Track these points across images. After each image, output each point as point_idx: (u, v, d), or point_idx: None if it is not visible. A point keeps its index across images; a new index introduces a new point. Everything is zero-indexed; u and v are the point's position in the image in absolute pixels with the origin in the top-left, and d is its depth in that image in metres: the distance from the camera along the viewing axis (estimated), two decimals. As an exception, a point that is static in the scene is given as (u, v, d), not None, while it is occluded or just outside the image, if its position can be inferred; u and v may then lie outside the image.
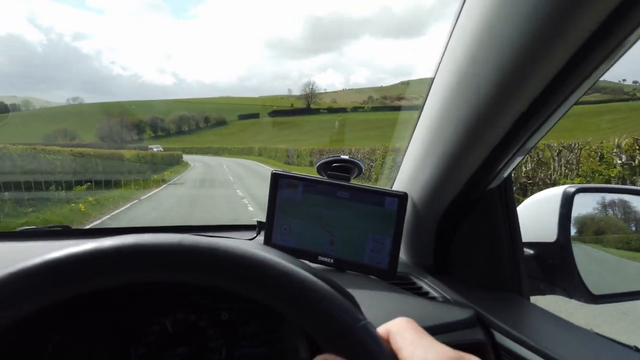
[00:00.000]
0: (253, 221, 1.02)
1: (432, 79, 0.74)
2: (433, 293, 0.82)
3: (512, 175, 0.85)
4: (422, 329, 0.38)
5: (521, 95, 0.58)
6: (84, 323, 0.61)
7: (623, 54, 0.50)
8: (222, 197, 12.20)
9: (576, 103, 0.60)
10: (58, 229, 1.08)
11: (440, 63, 0.71)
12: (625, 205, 1.10)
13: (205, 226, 1.18)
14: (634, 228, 1.16)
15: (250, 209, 9.06)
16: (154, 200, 11.29)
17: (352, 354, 0.36)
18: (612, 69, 0.54)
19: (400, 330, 0.38)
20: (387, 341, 0.38)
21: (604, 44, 0.48)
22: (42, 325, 0.58)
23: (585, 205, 0.96)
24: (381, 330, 0.39)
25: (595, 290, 0.87)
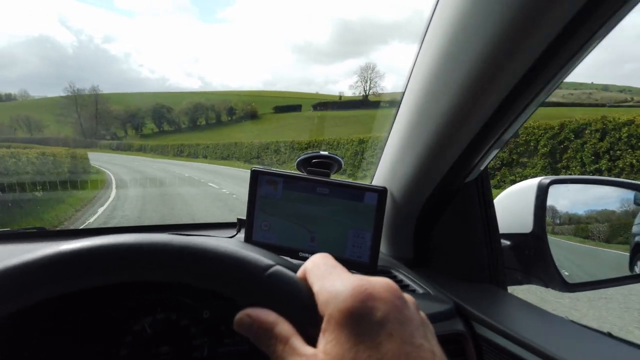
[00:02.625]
0: (233, 219, 1.01)
1: (410, 74, 0.75)
2: (413, 286, 0.83)
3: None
4: (335, 262, 0.39)
5: (496, 89, 0.59)
6: (64, 324, 0.60)
7: (595, 46, 0.52)
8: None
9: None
10: (32, 230, 1.05)
11: (417, 58, 0.72)
12: (596, 195, 1.14)
13: (185, 224, 1.17)
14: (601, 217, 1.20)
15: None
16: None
17: (269, 301, 0.37)
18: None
19: (312, 267, 0.38)
20: (305, 280, 0.38)
21: (576, 37, 0.49)
22: (21, 327, 0.57)
23: (559, 196, 0.98)
24: (300, 270, 0.39)
25: (570, 279, 0.89)
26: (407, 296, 0.36)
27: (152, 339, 0.63)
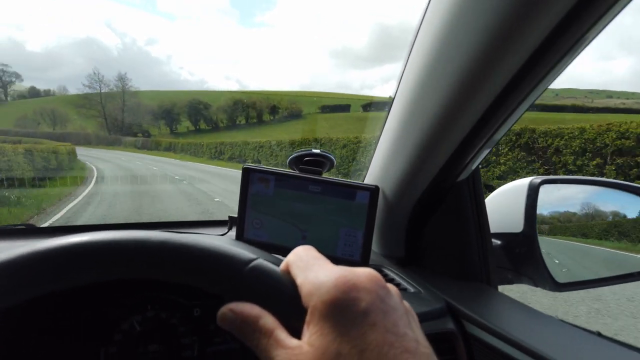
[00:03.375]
0: (225, 217, 1.01)
1: (402, 73, 0.75)
2: (404, 284, 0.84)
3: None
4: (318, 253, 0.39)
5: (487, 89, 0.59)
6: (52, 323, 0.59)
7: (583, 48, 0.52)
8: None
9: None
10: (22, 227, 1.04)
11: (409, 57, 0.72)
12: (587, 195, 1.14)
13: (176, 222, 1.16)
14: (593, 217, 1.21)
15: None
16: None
17: (251, 295, 0.37)
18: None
19: (295, 260, 0.38)
20: (288, 272, 0.38)
21: (566, 36, 0.49)
22: (7, 326, 0.56)
23: (550, 196, 0.99)
24: (283, 263, 0.39)
25: (560, 278, 0.90)
26: (390, 286, 0.36)
27: (142, 337, 0.63)
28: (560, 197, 1.08)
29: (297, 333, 0.34)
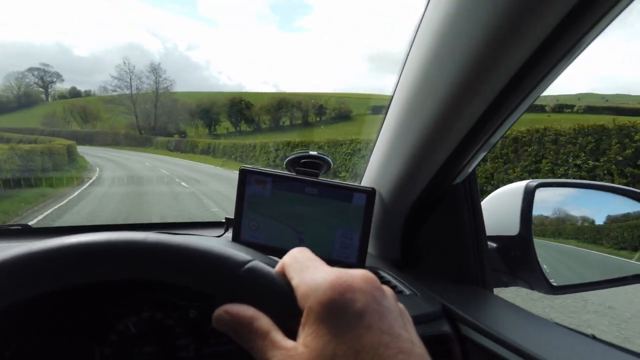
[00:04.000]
0: (221, 218, 1.01)
1: (399, 76, 0.75)
2: (400, 287, 0.84)
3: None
4: (313, 255, 0.39)
5: (484, 92, 0.59)
6: (47, 323, 0.59)
7: (582, 50, 0.52)
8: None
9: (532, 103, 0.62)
10: (17, 227, 1.04)
11: (406, 60, 0.72)
12: (582, 199, 1.15)
13: (173, 223, 1.16)
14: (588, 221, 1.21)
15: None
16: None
17: (247, 296, 0.37)
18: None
19: (291, 261, 0.39)
20: (283, 274, 0.38)
21: (562, 40, 0.49)
22: (4, 325, 0.56)
23: (546, 199, 0.99)
24: (278, 265, 0.39)
25: (555, 281, 0.90)
26: (385, 287, 0.36)
27: (137, 339, 0.63)
28: (556, 200, 1.09)
29: (292, 334, 0.34)
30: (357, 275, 0.34)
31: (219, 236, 0.98)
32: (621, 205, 1.13)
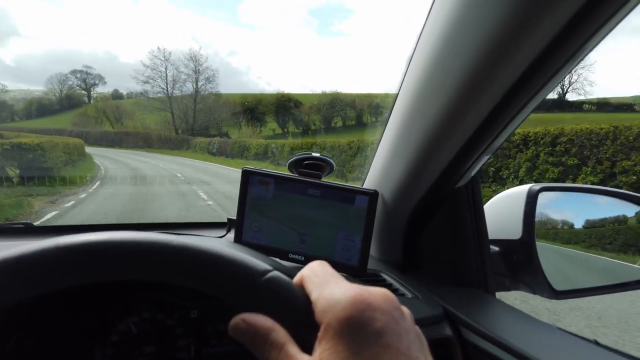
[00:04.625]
0: (223, 219, 1.01)
1: (402, 79, 0.75)
2: (402, 290, 0.83)
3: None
4: (333, 270, 0.39)
5: (488, 95, 0.59)
6: (46, 322, 0.59)
7: (585, 55, 0.52)
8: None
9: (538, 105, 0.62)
10: (20, 226, 1.04)
11: (409, 63, 0.72)
12: (586, 203, 1.15)
13: (175, 223, 1.17)
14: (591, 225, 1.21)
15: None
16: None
17: (265, 306, 0.36)
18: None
19: (310, 275, 0.38)
20: (302, 287, 0.38)
21: (566, 44, 0.49)
22: (7, 321, 0.56)
23: (549, 203, 0.99)
24: (297, 277, 0.39)
25: (558, 286, 0.89)
26: (404, 308, 0.36)
27: (138, 339, 0.63)
28: (559, 205, 1.08)
29: (308, 349, 0.34)
30: (377, 293, 0.34)
31: (221, 237, 0.98)
32: (624, 210, 1.13)
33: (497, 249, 0.93)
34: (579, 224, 1.19)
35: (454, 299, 0.79)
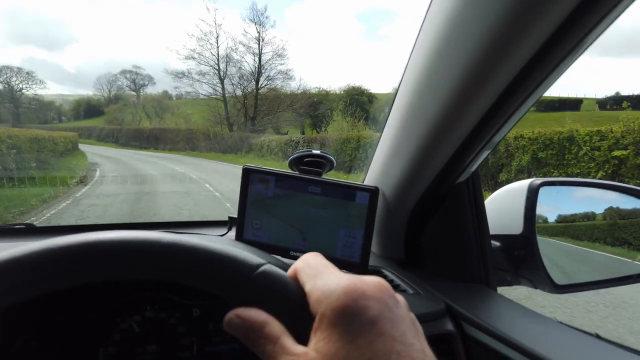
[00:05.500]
0: (224, 217, 1.01)
1: (403, 74, 0.75)
2: (404, 286, 0.84)
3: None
4: (326, 261, 0.39)
5: (488, 91, 0.59)
6: (50, 323, 0.60)
7: (584, 50, 0.52)
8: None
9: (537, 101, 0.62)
10: (21, 227, 1.04)
11: (409, 60, 0.72)
12: (587, 197, 1.15)
13: (176, 222, 1.17)
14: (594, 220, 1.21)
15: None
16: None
17: (259, 300, 0.37)
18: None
19: (304, 267, 0.38)
20: (296, 279, 0.38)
21: (566, 39, 0.49)
22: (9, 324, 0.56)
23: (550, 198, 0.99)
24: (291, 269, 0.39)
25: (559, 280, 0.90)
26: (398, 296, 0.36)
27: (140, 338, 0.63)
28: (560, 199, 1.08)
29: (303, 340, 0.34)
30: (371, 282, 0.34)
31: (222, 235, 0.98)
32: (625, 204, 1.13)
33: (498, 244, 0.93)
34: (580, 218, 1.19)
35: (455, 294, 0.79)
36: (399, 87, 0.77)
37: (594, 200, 1.15)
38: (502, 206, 0.96)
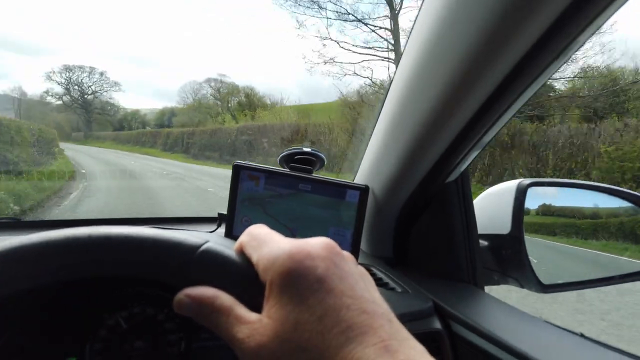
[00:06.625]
0: (214, 213, 1.00)
1: (393, 74, 0.75)
2: (392, 284, 0.84)
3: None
4: (270, 230, 0.39)
5: (478, 91, 0.59)
6: (36, 319, 0.59)
7: (574, 52, 0.53)
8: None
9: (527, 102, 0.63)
10: (7, 221, 1.03)
11: (400, 58, 0.72)
12: (574, 198, 1.16)
13: (165, 218, 1.16)
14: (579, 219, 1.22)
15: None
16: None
17: (205, 279, 0.36)
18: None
19: (248, 239, 0.39)
20: (242, 253, 0.38)
21: (554, 42, 0.50)
22: None
23: (538, 198, 1.00)
24: (236, 244, 0.39)
25: (545, 280, 0.90)
26: (345, 252, 0.36)
27: (127, 334, 0.63)
28: (548, 200, 1.09)
29: (259, 310, 0.34)
30: (316, 243, 0.35)
31: (211, 232, 0.97)
32: (610, 204, 1.14)
33: (486, 243, 0.94)
34: (566, 218, 1.20)
35: (443, 293, 0.80)
36: (390, 85, 0.77)
37: (580, 200, 1.16)
38: (491, 206, 0.97)
